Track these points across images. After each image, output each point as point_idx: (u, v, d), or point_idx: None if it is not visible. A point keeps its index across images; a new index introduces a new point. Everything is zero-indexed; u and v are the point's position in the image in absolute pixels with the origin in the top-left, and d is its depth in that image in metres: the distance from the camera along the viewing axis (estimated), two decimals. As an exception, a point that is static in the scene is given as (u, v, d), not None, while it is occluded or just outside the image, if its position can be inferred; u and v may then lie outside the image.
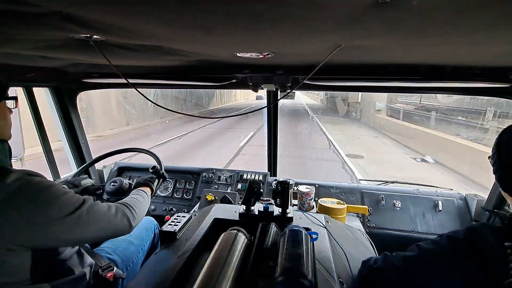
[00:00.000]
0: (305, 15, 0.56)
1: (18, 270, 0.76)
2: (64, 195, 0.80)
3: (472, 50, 0.88)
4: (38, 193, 0.75)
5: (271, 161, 2.10)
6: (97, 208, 0.88)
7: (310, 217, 1.26)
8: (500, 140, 0.72)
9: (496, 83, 1.25)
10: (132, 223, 0.97)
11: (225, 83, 1.57)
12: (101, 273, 1.06)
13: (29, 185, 0.75)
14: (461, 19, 0.57)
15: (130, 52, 0.98)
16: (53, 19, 0.61)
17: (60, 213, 0.77)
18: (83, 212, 0.83)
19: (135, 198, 1.10)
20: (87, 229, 0.83)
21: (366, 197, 1.81)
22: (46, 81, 1.63)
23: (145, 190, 1.21)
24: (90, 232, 0.84)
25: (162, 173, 1.44)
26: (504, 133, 0.73)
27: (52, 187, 0.79)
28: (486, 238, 0.64)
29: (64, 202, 0.79)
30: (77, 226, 0.81)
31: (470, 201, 1.69)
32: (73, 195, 0.84)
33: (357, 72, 1.35)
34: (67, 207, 0.79)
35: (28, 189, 0.74)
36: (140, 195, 1.14)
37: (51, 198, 0.77)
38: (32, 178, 0.77)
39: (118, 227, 0.92)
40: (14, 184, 0.73)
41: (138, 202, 1.07)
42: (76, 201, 0.83)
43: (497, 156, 0.72)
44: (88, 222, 0.83)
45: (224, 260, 0.83)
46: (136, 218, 1.00)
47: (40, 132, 1.69)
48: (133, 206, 1.02)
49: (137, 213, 1.01)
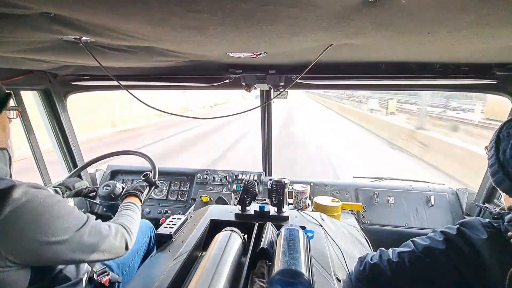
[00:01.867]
0: (295, 15, 0.56)
1: (16, 285, 0.74)
2: (68, 215, 0.79)
3: (459, 47, 0.90)
4: (43, 211, 0.74)
5: (265, 160, 2.10)
6: (98, 228, 0.87)
7: (305, 215, 1.26)
8: (499, 135, 0.72)
9: (483, 80, 1.28)
10: (129, 245, 0.96)
11: (218, 84, 1.56)
12: (97, 279, 1.05)
13: (35, 201, 0.73)
14: (448, 17, 0.59)
15: (121, 54, 0.97)
16: (41, 21, 0.60)
17: (62, 234, 0.76)
18: (85, 233, 0.82)
19: (131, 216, 1.07)
20: (88, 251, 0.82)
21: (360, 194, 1.83)
22: (34, 84, 1.59)
23: (135, 203, 1.18)
24: (89, 254, 0.83)
25: (154, 181, 1.39)
26: (503, 127, 0.72)
27: (57, 205, 0.77)
28: (477, 233, 0.66)
29: (67, 222, 0.78)
30: (78, 247, 0.80)
31: (461, 195, 1.73)
32: (77, 215, 0.83)
33: (349, 70, 1.37)
34: (70, 228, 0.78)
35: (33, 206, 0.72)
36: (133, 211, 1.12)
37: (55, 217, 0.76)
38: (38, 193, 0.75)
39: (116, 250, 0.91)
40: (20, 200, 0.71)
41: (134, 221, 1.05)
42: (80, 221, 0.82)
43: (494, 151, 0.72)
44: (89, 244, 0.82)
45: (219, 260, 0.82)
46: (133, 240, 0.99)
47: (29, 136, 1.65)
48: (131, 227, 1.00)
49: (133, 234, 1.01)
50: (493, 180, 0.74)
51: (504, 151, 0.68)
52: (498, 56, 1.05)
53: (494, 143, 0.73)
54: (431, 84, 1.52)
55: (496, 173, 0.71)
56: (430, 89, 1.75)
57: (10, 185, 0.72)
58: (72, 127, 1.90)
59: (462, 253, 0.65)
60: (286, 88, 1.47)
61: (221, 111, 21.37)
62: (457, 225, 0.70)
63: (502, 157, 0.69)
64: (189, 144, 9.48)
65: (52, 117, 1.78)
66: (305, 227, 1.09)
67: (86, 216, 0.86)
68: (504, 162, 0.68)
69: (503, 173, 0.69)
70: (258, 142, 2.06)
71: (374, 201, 1.78)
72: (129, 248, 0.96)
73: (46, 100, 1.72)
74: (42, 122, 1.80)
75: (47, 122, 1.79)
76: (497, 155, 0.70)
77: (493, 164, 0.72)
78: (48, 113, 1.76)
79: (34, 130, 1.67)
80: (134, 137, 11.05)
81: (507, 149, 0.68)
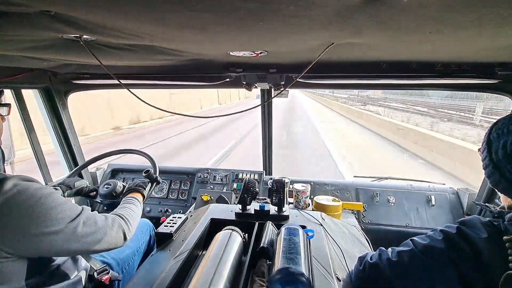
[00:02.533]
0: (296, 13, 0.56)
1: (13, 277, 0.74)
2: (61, 206, 0.79)
3: (461, 47, 0.89)
4: (35, 202, 0.74)
5: (266, 159, 2.10)
6: (94, 219, 0.86)
7: (306, 215, 1.26)
8: (490, 137, 0.73)
9: (485, 79, 1.27)
10: (127, 236, 0.96)
11: (219, 82, 1.56)
12: (97, 277, 1.05)
13: (26, 192, 0.73)
14: (450, 16, 0.58)
15: (122, 52, 0.97)
16: (42, 19, 0.60)
17: (56, 224, 0.76)
18: (80, 223, 0.81)
19: (130, 208, 1.07)
20: (83, 241, 0.82)
21: (360, 194, 1.83)
22: (35, 82, 1.59)
23: (137, 198, 1.18)
24: (85, 244, 0.83)
25: (156, 177, 1.40)
26: (493, 129, 0.73)
27: (49, 196, 0.77)
28: (477, 231, 0.65)
29: (60, 212, 0.78)
30: (73, 238, 0.79)
31: (462, 195, 1.73)
32: (71, 206, 0.83)
33: (350, 69, 1.36)
34: (63, 219, 0.78)
35: (25, 197, 0.72)
36: (133, 204, 1.12)
37: (48, 208, 0.75)
38: (29, 185, 0.75)
39: (113, 240, 0.91)
40: (11, 191, 0.71)
41: (133, 213, 1.05)
42: (74, 212, 0.82)
43: (487, 153, 0.72)
44: (84, 234, 0.82)
45: (219, 259, 0.82)
46: (131, 231, 0.99)
47: (30, 135, 1.65)
48: (129, 218, 1.00)
49: (132, 225, 1.00)
50: (490, 182, 0.75)
51: (496, 152, 0.69)
52: (501, 56, 1.04)
53: (485, 145, 0.74)
54: (432, 84, 1.52)
55: (492, 174, 0.72)
56: (431, 89, 1.74)
57: (1, 178, 0.72)
58: (72, 125, 1.90)
59: (462, 252, 0.65)
60: (287, 87, 1.46)
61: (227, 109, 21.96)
62: (457, 224, 0.70)
63: (495, 158, 0.70)
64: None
65: (52, 115, 1.78)
66: (305, 226, 1.09)
67: (80, 207, 0.86)
68: (498, 163, 0.69)
69: (498, 174, 0.70)
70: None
71: (374, 201, 1.78)
72: (128, 238, 0.96)
73: (46, 99, 1.73)
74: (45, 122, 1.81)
75: (47, 121, 1.79)
76: (490, 157, 0.71)
77: (487, 166, 0.73)
78: (49, 112, 1.76)
79: (35, 129, 1.67)
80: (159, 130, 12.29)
81: (498, 150, 0.69)
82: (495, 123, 0.74)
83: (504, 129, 0.70)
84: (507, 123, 0.70)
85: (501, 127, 0.71)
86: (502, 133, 0.70)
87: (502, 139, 0.69)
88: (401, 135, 9.61)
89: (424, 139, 8.21)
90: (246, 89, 1.57)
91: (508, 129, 0.69)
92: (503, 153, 0.67)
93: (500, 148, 0.68)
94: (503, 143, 0.68)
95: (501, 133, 0.70)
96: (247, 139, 9.96)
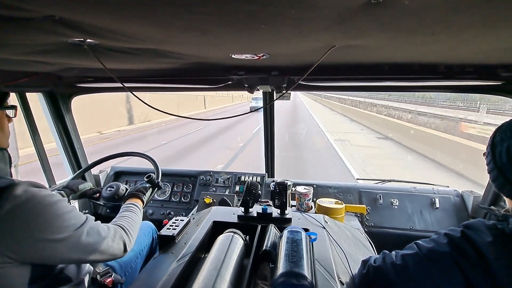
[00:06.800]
0: (298, 16, 0.56)
1: (17, 281, 0.75)
2: (67, 214, 0.80)
3: (464, 48, 0.89)
4: (42, 209, 0.74)
5: (268, 162, 2.09)
6: (97, 229, 0.87)
7: (308, 217, 1.26)
8: (494, 140, 0.72)
9: (488, 81, 1.26)
10: (127, 247, 0.96)
11: (221, 85, 1.57)
12: (100, 280, 1.05)
13: (34, 199, 0.74)
14: (452, 17, 0.58)
15: (125, 56, 0.98)
16: (46, 24, 0.61)
17: (60, 232, 0.77)
18: (84, 232, 0.82)
19: (131, 218, 1.07)
20: (85, 251, 0.82)
21: (364, 196, 1.81)
22: (39, 86, 1.61)
23: (137, 205, 1.18)
24: (87, 254, 0.83)
25: (157, 183, 1.40)
26: (497, 133, 0.73)
27: (56, 204, 0.78)
28: (482, 235, 0.65)
29: (66, 221, 0.79)
30: (76, 247, 0.80)
31: (467, 198, 1.71)
32: (76, 214, 0.83)
33: (352, 72, 1.36)
34: (68, 227, 0.79)
35: (33, 204, 0.73)
36: (134, 213, 1.12)
37: (54, 215, 0.76)
38: (38, 192, 0.76)
39: (114, 251, 0.91)
40: (20, 197, 0.72)
41: (134, 223, 1.06)
42: (78, 221, 0.83)
43: (491, 156, 0.72)
44: (87, 244, 0.82)
45: (222, 263, 0.82)
46: (131, 242, 0.99)
47: (34, 138, 1.67)
48: (130, 229, 1.00)
49: (133, 236, 1.01)
50: (495, 186, 0.74)
51: (500, 156, 0.69)
52: (504, 57, 1.03)
53: (490, 149, 0.74)
54: (435, 86, 1.51)
55: (496, 178, 0.72)
56: (433, 91, 1.74)
57: (10, 183, 0.73)
58: (76, 128, 1.92)
59: (467, 255, 0.64)
60: (289, 90, 1.46)
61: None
62: (461, 227, 0.69)
63: (499, 162, 0.70)
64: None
65: (56, 118, 1.80)
66: (308, 229, 1.08)
67: (85, 216, 0.86)
68: (502, 167, 0.69)
69: (503, 178, 0.70)
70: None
71: (377, 204, 1.77)
72: (128, 250, 0.96)
73: (50, 102, 1.75)
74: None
75: (51, 123, 1.81)
76: (495, 161, 0.71)
77: (492, 170, 0.73)
78: (53, 115, 1.78)
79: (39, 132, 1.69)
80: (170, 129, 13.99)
81: (502, 153, 0.69)
82: (499, 126, 0.74)
83: (507, 133, 0.69)
84: (511, 126, 0.70)
85: (505, 131, 0.70)
86: (505, 136, 0.69)
87: (506, 142, 0.69)
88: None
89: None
90: (248, 91, 1.57)
91: (511, 133, 0.68)
92: (506, 156, 0.67)
93: (504, 151, 0.68)
94: (507, 147, 0.68)
95: (505, 136, 0.70)
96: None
